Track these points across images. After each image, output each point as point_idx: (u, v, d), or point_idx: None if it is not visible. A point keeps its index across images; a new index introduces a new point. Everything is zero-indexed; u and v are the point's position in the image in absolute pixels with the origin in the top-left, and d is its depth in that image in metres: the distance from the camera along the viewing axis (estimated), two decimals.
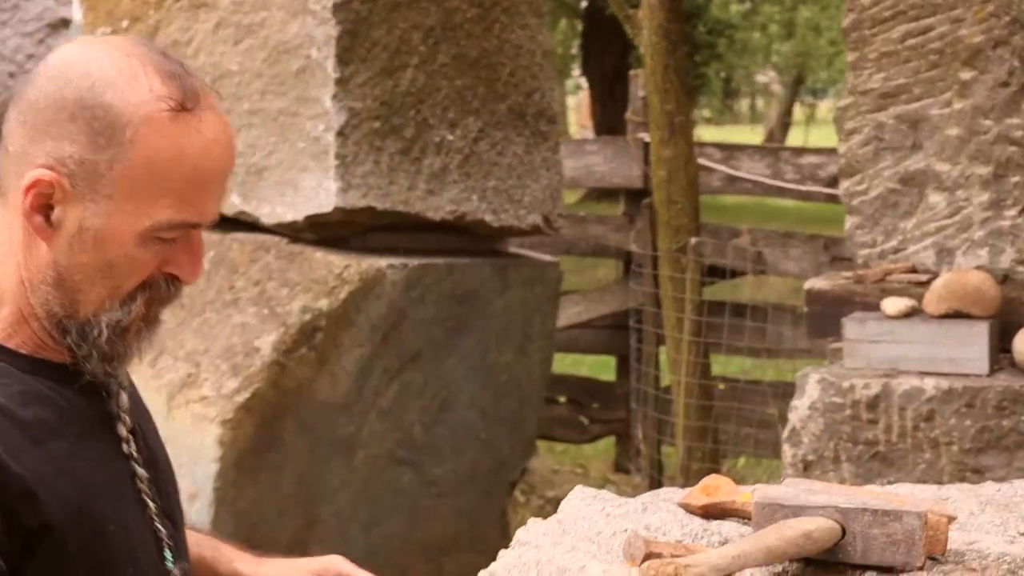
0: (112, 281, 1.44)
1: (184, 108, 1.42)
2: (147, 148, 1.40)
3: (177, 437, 4.20)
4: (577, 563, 1.36)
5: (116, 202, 1.40)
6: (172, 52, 1.51)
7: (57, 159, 1.40)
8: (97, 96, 1.40)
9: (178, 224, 1.43)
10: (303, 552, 4.38)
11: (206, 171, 1.43)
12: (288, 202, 4.38)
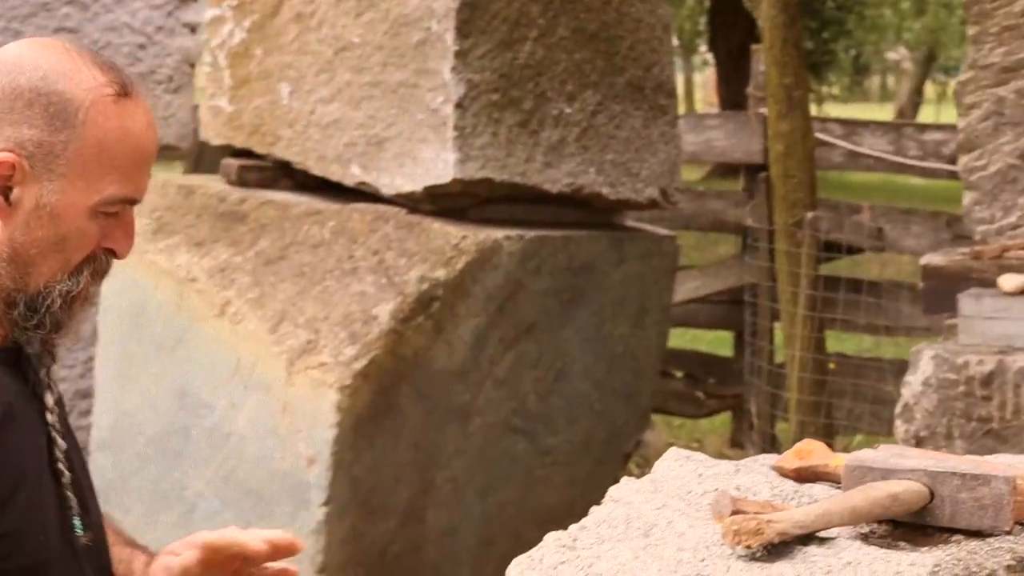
0: (64, 254, 1.58)
1: (125, 94, 1.59)
2: (97, 129, 1.56)
3: (296, 403, 4.31)
4: (665, 519, 1.40)
5: (69, 179, 1.56)
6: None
7: (17, 142, 1.55)
8: (51, 84, 1.56)
9: (121, 199, 1.60)
10: (420, 518, 4.48)
11: (144, 151, 1.62)
12: (407, 173, 4.45)
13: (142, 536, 4.29)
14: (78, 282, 1.61)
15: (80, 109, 1.56)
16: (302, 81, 4.63)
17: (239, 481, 4.46)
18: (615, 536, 1.41)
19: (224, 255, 4.57)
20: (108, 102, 1.57)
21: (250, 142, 4.79)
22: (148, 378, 4.71)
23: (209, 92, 4.89)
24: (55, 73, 1.57)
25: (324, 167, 4.63)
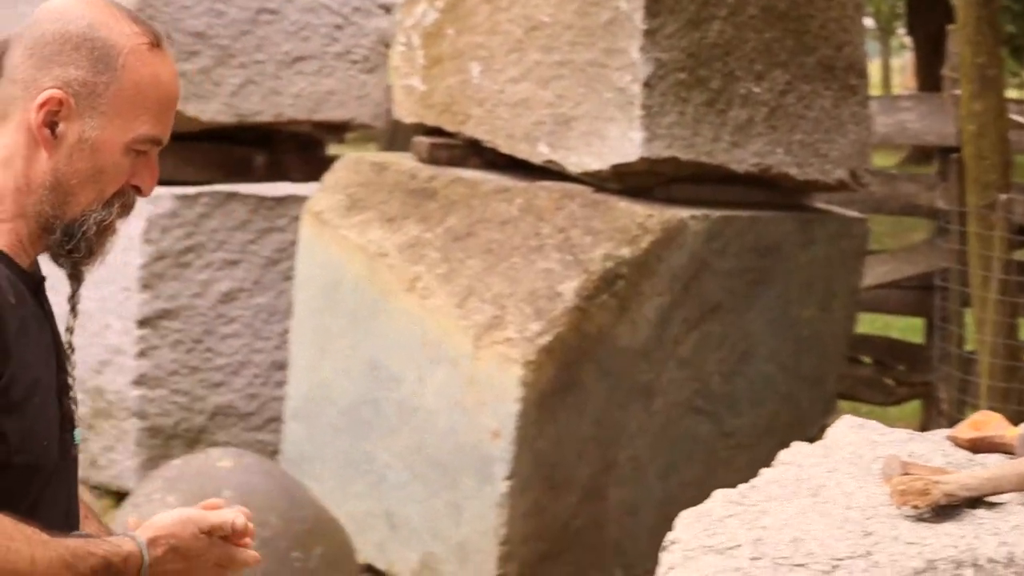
0: (99, 186, 1.74)
1: (156, 45, 1.77)
2: (134, 73, 1.73)
3: (482, 377, 4.39)
4: (834, 480, 1.41)
5: (108, 117, 1.73)
6: None
7: (64, 81, 1.72)
8: (95, 31, 1.73)
9: (151, 138, 1.76)
10: (602, 495, 4.52)
11: (171, 96, 1.79)
12: (594, 151, 4.48)
13: (333, 505, 4.44)
14: (110, 212, 1.76)
15: (120, 54, 1.73)
16: (492, 60, 4.70)
17: (426, 453, 4.56)
18: (783, 495, 1.43)
19: (414, 231, 4.67)
20: (144, 50, 1.74)
21: (441, 120, 4.88)
22: (341, 351, 4.84)
23: (403, 72, 4.99)
24: (99, 23, 1.74)
25: (513, 145, 4.69)
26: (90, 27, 1.74)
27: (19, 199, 1.74)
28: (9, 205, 1.74)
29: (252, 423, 5.71)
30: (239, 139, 5.99)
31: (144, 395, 5.52)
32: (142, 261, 5.47)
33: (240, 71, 5.67)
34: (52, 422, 1.76)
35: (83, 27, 1.73)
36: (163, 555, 1.76)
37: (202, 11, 5.54)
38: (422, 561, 4.56)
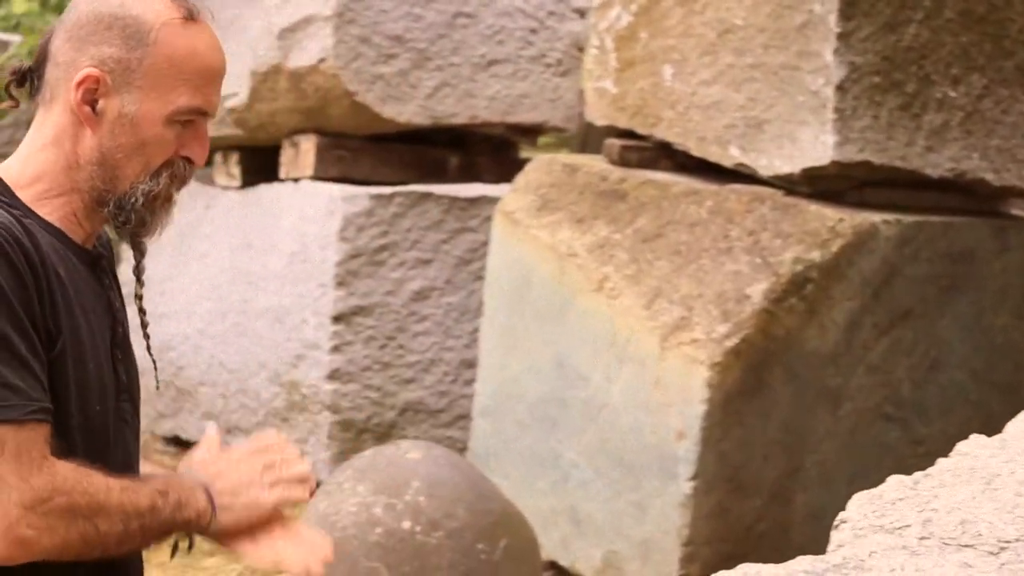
0: (144, 158, 1.82)
1: (191, 18, 1.82)
2: (167, 47, 1.80)
3: (668, 377, 4.42)
4: (1009, 470, 1.42)
5: (145, 91, 1.80)
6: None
7: (100, 60, 1.80)
8: (127, 10, 1.81)
9: (193, 109, 1.82)
10: (787, 499, 4.51)
11: (211, 68, 1.83)
12: (785, 155, 4.48)
13: (518, 500, 4.51)
14: (158, 183, 1.84)
15: (152, 30, 1.80)
16: (685, 63, 4.73)
17: (611, 452, 4.61)
18: (956, 482, 1.44)
19: (604, 232, 4.73)
20: (176, 24, 1.81)
21: (632, 123, 4.93)
22: (529, 348, 4.92)
23: (595, 74, 5.05)
24: (130, 1, 1.82)
25: (704, 148, 4.71)
26: (121, 6, 1.82)
27: (71, 175, 1.83)
28: (63, 181, 1.83)
29: (441, 420, 5.83)
30: (434, 141, 6.12)
31: (337, 389, 5.68)
32: (338, 259, 5.63)
33: (436, 74, 5.80)
34: (106, 391, 1.85)
35: (115, 6, 1.82)
36: (225, 495, 1.86)
37: (400, 15, 5.69)
38: (605, 559, 4.61)
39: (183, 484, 1.86)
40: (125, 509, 1.77)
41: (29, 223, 1.77)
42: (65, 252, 1.81)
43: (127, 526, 1.78)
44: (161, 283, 6.53)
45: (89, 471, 1.75)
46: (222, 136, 6.18)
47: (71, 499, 1.72)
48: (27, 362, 1.71)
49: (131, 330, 2.00)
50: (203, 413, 6.27)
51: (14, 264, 1.70)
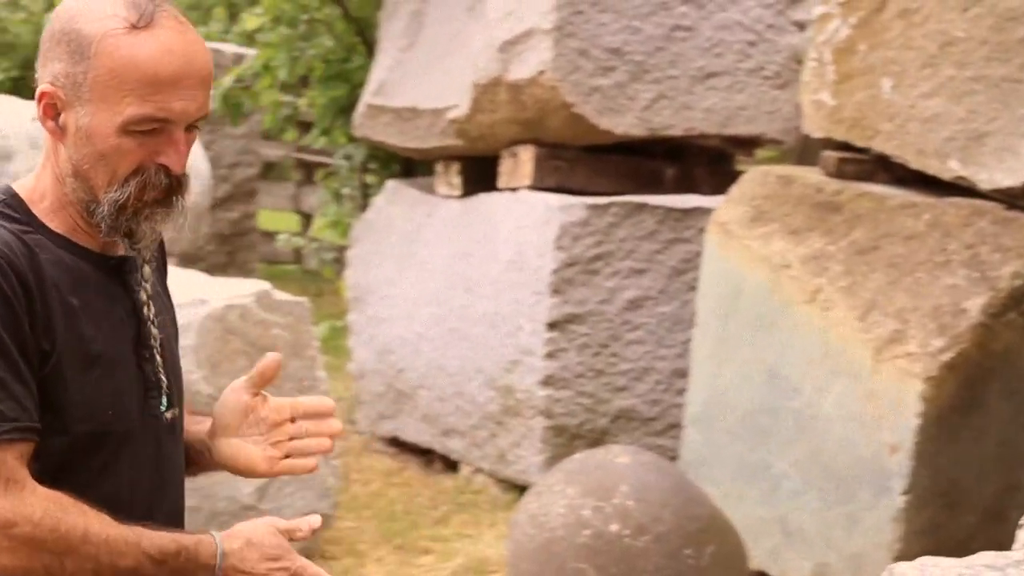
0: (108, 168, 1.81)
1: (138, 27, 1.78)
2: (107, 58, 1.77)
3: (881, 390, 4.40)
4: None
5: (95, 104, 1.79)
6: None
7: (53, 76, 1.80)
8: (72, 24, 1.80)
9: (144, 118, 1.79)
10: (1003, 516, 4.43)
11: (159, 75, 1.78)
12: (1007, 168, 4.41)
13: (728, 509, 4.53)
14: (125, 192, 1.82)
15: (93, 43, 1.78)
16: (904, 76, 4.70)
17: (822, 463, 4.60)
18: None
19: (818, 243, 4.73)
20: (118, 35, 1.77)
21: (850, 135, 4.91)
22: (741, 359, 4.94)
23: (812, 87, 5.05)
24: (79, 15, 1.81)
25: (922, 161, 4.67)
26: (70, 20, 1.81)
27: (62, 188, 1.86)
28: (59, 194, 1.86)
29: (653, 428, 5.89)
30: (650, 152, 6.19)
31: (551, 395, 5.79)
32: (553, 267, 5.74)
33: (653, 86, 5.86)
34: (122, 392, 1.86)
35: (64, 21, 1.81)
36: (239, 548, 1.84)
37: (619, 28, 5.77)
38: (815, 571, 4.60)
39: (194, 556, 1.84)
40: (99, 559, 1.77)
41: (37, 238, 1.83)
42: (76, 262, 1.85)
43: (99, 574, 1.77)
44: (383, 288, 6.75)
45: (68, 507, 1.75)
46: (443, 146, 6.37)
47: (36, 532, 1.73)
48: (5, 384, 1.73)
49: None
50: (421, 415, 6.45)
51: (1, 289, 1.75)
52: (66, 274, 1.83)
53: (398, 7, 6.71)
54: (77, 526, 1.74)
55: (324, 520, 5.04)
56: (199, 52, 1.83)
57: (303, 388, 4.96)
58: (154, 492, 1.93)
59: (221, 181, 9.85)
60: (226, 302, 4.80)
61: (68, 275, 1.83)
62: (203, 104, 1.84)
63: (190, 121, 1.84)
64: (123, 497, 1.86)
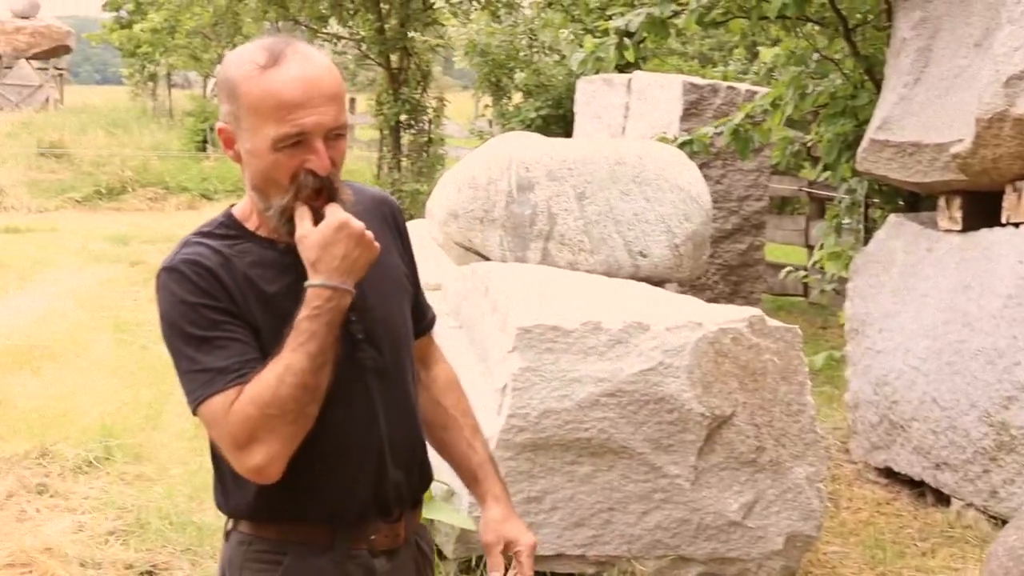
0: (272, 180, 2.25)
1: (264, 67, 2.21)
2: (249, 96, 2.22)
3: None
4: None
5: (250, 132, 2.23)
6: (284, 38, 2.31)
7: (223, 116, 2.28)
8: (225, 72, 2.26)
9: (284, 136, 2.20)
10: None
11: (290, 100, 2.19)
12: None
13: None
14: (285, 197, 2.25)
15: (237, 86, 2.23)
16: None
17: None
18: None
19: None
20: (254, 75, 2.21)
21: None
22: None
23: None
24: (230, 63, 2.27)
25: None
26: (224, 69, 2.27)
27: (253, 203, 2.33)
28: (253, 208, 2.34)
29: None
30: None
31: None
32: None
33: None
34: None
35: (222, 71, 2.28)
36: (314, 262, 2.22)
37: None
38: None
39: (315, 305, 2.22)
40: (297, 380, 2.17)
41: (246, 246, 2.32)
42: (276, 257, 2.31)
43: (299, 365, 2.18)
44: (881, 320, 6.84)
45: (253, 383, 2.18)
46: (945, 181, 6.39)
47: (262, 411, 2.16)
48: (219, 343, 2.22)
49: None
50: (914, 447, 6.49)
51: (196, 283, 2.25)
52: (267, 269, 2.31)
53: (905, 44, 6.79)
54: (267, 381, 2.18)
55: (806, 542, 5.27)
56: (324, 76, 2.24)
57: (791, 412, 5.18)
58: (369, 425, 2.35)
59: (730, 214, 10.20)
60: (720, 326, 5.08)
61: (269, 270, 2.31)
62: (335, 116, 2.25)
63: (326, 131, 2.24)
64: (340, 428, 2.31)
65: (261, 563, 2.36)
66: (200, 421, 2.26)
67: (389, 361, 2.41)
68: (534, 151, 6.28)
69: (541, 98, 13.21)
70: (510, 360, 4.97)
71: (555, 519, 5.04)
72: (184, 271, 2.26)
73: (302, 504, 2.33)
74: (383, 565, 2.41)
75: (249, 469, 2.20)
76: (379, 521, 2.40)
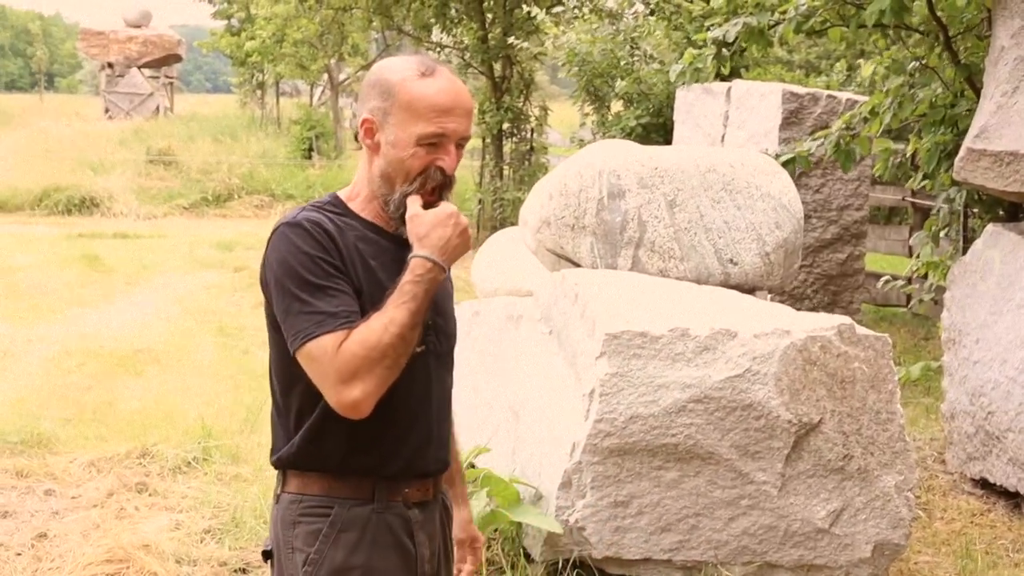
0: (404, 169, 2.63)
1: (422, 75, 2.62)
2: (406, 95, 2.61)
3: None
4: None
5: (397, 126, 2.61)
6: (432, 57, 2.75)
7: (370, 109, 2.66)
8: (381, 74, 2.67)
9: (429, 135, 2.60)
10: None
11: (440, 105, 2.60)
12: None
13: None
14: (413, 186, 2.63)
15: (394, 86, 2.62)
16: None
17: None
18: None
19: None
20: (413, 78, 2.61)
21: None
22: None
23: None
24: (385, 68, 2.68)
25: None
26: (379, 72, 2.68)
27: (371, 187, 2.70)
28: (368, 192, 2.71)
29: None
30: None
31: None
32: None
33: None
34: None
35: (376, 73, 2.69)
36: (422, 239, 2.57)
37: None
38: None
39: (418, 274, 2.56)
40: (398, 332, 2.50)
41: (349, 222, 2.67)
42: (377, 238, 2.68)
43: (401, 319, 2.51)
44: (978, 331, 6.77)
45: (360, 328, 2.50)
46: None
47: (366, 352, 2.48)
48: (331, 292, 2.53)
49: None
50: (1009, 459, 6.42)
51: (317, 239, 2.57)
52: (369, 245, 2.66)
53: (1004, 52, 6.73)
54: (374, 329, 2.50)
55: (895, 550, 5.26)
56: (464, 94, 2.66)
57: (880, 421, 5.16)
58: (423, 400, 2.73)
59: (829, 223, 10.15)
60: (808, 333, 5.08)
61: (371, 246, 2.67)
62: (467, 128, 2.67)
63: (458, 138, 2.65)
64: (399, 404, 2.65)
65: (313, 516, 2.70)
66: (301, 359, 2.56)
67: (444, 349, 2.82)
68: (624, 159, 6.31)
69: (641, 107, 13.22)
70: (598, 365, 5.02)
71: (642, 523, 5.08)
72: (307, 227, 2.60)
73: (350, 459, 2.69)
74: (416, 515, 2.78)
75: (346, 402, 2.51)
76: (412, 479, 2.76)
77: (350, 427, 2.61)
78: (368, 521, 2.70)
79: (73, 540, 5.67)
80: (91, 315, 12.05)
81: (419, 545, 2.79)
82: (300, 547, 2.69)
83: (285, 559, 2.73)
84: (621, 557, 5.13)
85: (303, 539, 2.69)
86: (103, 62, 40.27)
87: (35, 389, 8.76)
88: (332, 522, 2.69)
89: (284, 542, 2.73)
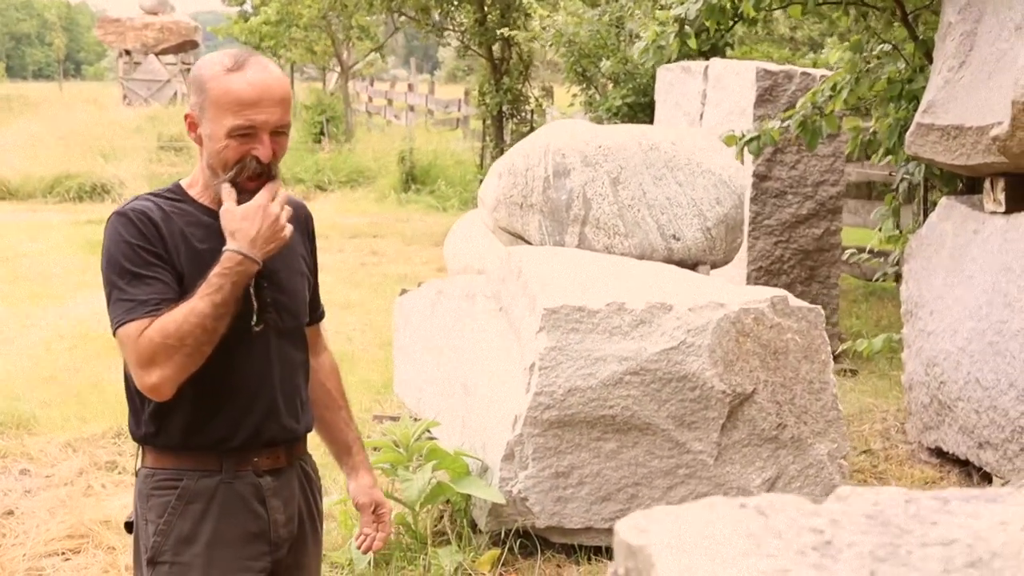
0: (222, 160, 2.79)
1: (230, 70, 2.76)
2: (214, 91, 2.76)
3: None
4: None
5: (211, 120, 2.77)
6: (249, 50, 2.92)
7: (191, 105, 2.83)
8: (197, 72, 2.82)
9: (237, 127, 2.75)
10: None
11: (244, 99, 2.75)
12: None
13: None
14: (231, 173, 2.78)
15: (206, 82, 2.77)
16: None
17: None
18: None
19: None
20: (220, 75, 2.76)
21: None
22: None
23: None
24: (200, 65, 2.82)
25: None
26: (196, 68, 2.84)
27: (204, 176, 2.86)
28: (202, 180, 2.87)
29: None
30: None
31: None
32: None
33: None
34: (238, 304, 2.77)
35: (194, 69, 2.85)
36: (232, 232, 2.73)
37: None
38: None
39: (227, 267, 2.73)
40: (198, 321, 2.66)
41: (184, 207, 2.85)
42: (211, 221, 2.82)
43: (202, 310, 2.68)
44: (932, 302, 6.90)
45: (164, 317, 2.68)
46: (987, 163, 6.44)
47: (163, 340, 2.66)
48: (147, 280, 2.70)
49: None
50: (959, 427, 6.55)
51: (139, 228, 2.74)
52: (200, 229, 2.84)
53: (951, 28, 6.83)
54: (175, 318, 2.67)
55: None
56: (275, 84, 2.80)
57: (813, 390, 5.31)
58: (264, 376, 2.90)
59: (805, 199, 10.25)
60: (741, 306, 5.23)
61: (202, 229, 2.84)
62: (280, 117, 2.81)
63: (272, 128, 2.79)
64: (239, 380, 2.84)
65: (164, 489, 2.88)
66: (117, 343, 2.75)
67: (288, 326, 2.97)
68: (570, 138, 6.46)
69: (627, 86, 13.32)
70: (538, 340, 5.18)
71: (582, 494, 5.24)
72: (131, 217, 2.78)
73: (195, 433, 2.86)
74: (268, 483, 2.94)
75: (146, 385, 2.71)
76: (260, 448, 2.92)
77: (192, 404, 2.82)
78: (216, 491, 2.88)
79: (40, 517, 5.87)
80: (89, 300, 12.26)
81: (272, 511, 2.95)
82: (152, 519, 2.88)
83: (141, 530, 2.92)
84: (563, 526, 5.30)
85: (155, 511, 2.88)
86: (120, 49, 40.52)
87: (22, 371, 8.95)
88: (180, 494, 2.87)
89: (140, 514, 2.92)
